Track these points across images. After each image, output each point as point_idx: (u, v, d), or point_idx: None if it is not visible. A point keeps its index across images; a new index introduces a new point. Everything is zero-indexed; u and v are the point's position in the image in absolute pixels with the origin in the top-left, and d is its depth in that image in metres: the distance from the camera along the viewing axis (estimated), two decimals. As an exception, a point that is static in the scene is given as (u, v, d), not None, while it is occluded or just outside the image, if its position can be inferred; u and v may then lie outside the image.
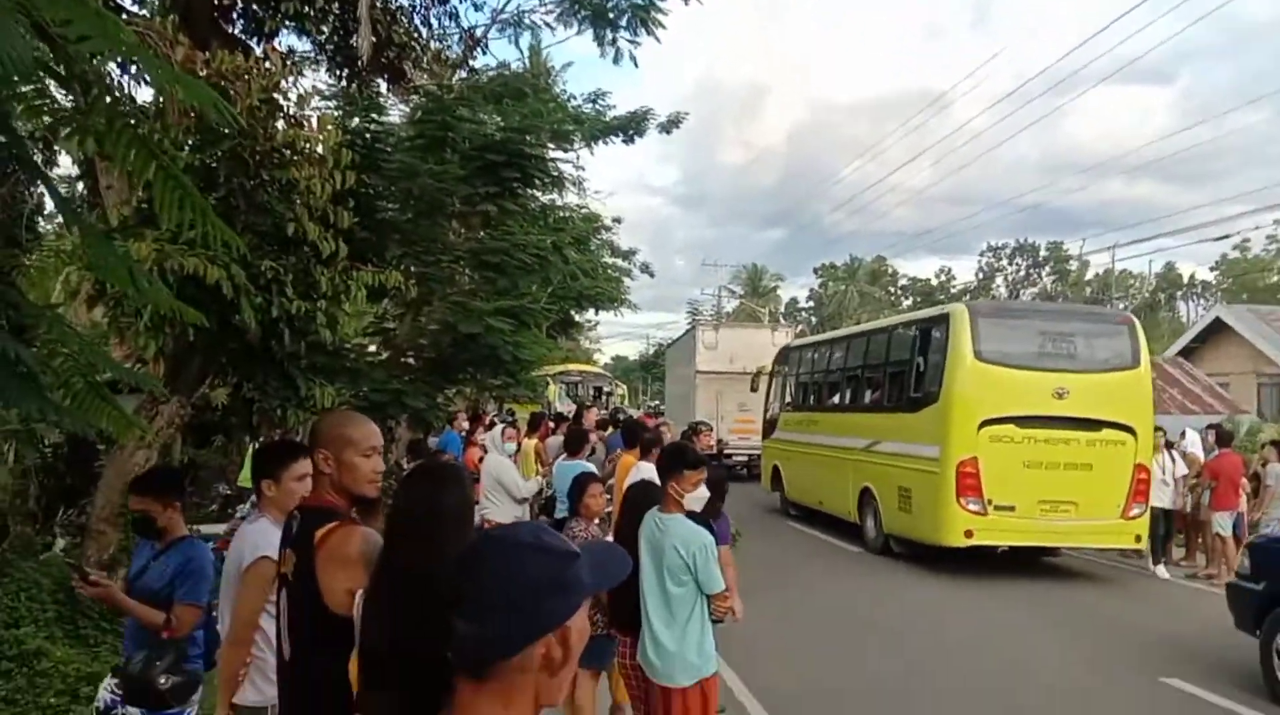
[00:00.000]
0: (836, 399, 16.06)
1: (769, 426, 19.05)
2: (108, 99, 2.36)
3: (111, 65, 6.28)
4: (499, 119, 12.59)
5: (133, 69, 6.86)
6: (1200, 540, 13.17)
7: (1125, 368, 11.99)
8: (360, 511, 2.92)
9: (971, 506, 11.31)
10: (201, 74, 6.73)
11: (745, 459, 22.90)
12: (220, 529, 10.34)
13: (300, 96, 7.72)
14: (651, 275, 37.61)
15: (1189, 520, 13.12)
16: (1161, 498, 12.29)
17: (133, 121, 2.48)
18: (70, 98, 3.34)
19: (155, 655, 3.72)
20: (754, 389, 20.69)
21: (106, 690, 3.84)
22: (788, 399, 18.48)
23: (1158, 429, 12.99)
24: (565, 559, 1.37)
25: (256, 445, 11.32)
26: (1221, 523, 11.86)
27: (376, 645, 2.39)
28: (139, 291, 2.62)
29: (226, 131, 6.86)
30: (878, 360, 14.48)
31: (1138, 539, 11.95)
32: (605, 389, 40.36)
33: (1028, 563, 12.39)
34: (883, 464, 13.20)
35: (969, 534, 11.32)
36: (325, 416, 3.02)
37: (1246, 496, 12.68)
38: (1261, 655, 7.37)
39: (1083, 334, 12.28)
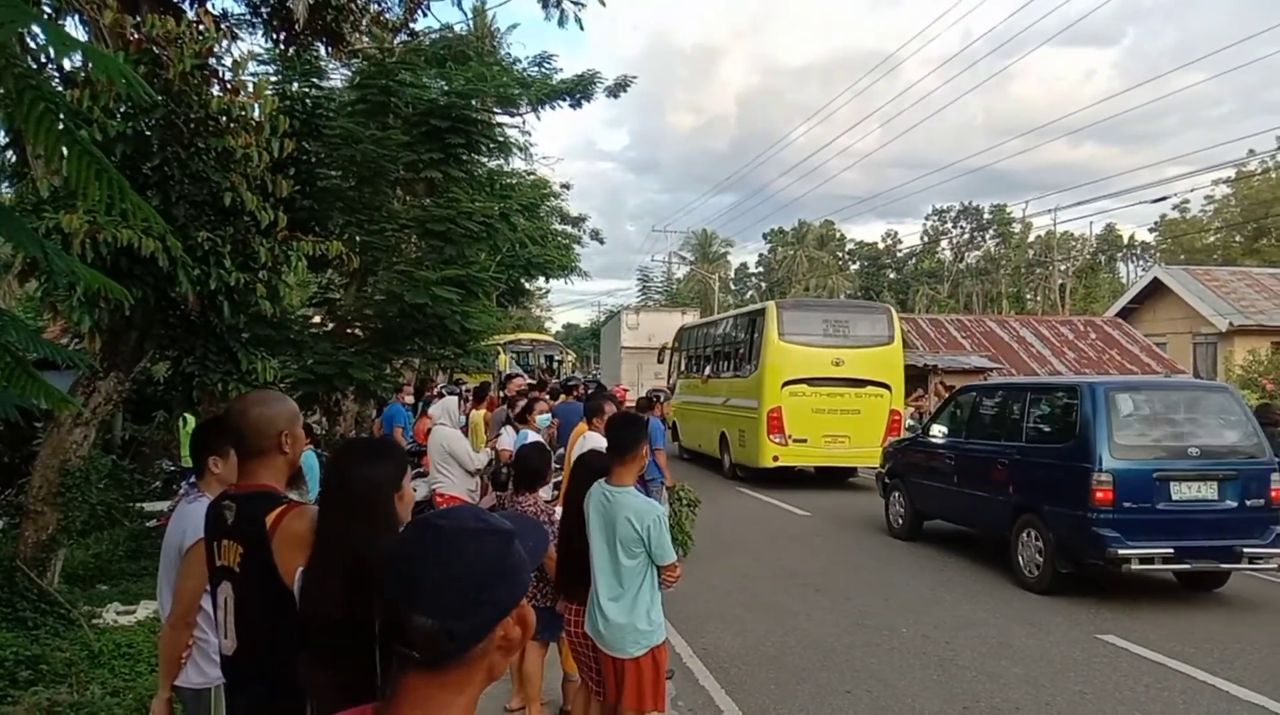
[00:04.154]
0: (708, 369, 20.52)
1: (671, 391, 22.90)
2: (16, 69, 2.22)
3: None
4: (443, 83, 12.35)
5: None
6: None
7: (884, 344, 16.87)
8: (290, 484, 2.87)
9: (776, 440, 16.22)
10: (132, 39, 6.52)
11: None
12: (163, 506, 10.19)
13: (235, 61, 7.50)
14: (602, 242, 37.58)
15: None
16: None
17: (42, 91, 2.34)
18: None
19: None
20: (660, 361, 25.38)
21: None
22: (682, 368, 22.99)
23: None
24: (508, 538, 1.35)
25: (183, 420, 11.13)
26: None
27: (317, 620, 2.36)
28: (52, 269, 2.51)
29: (160, 99, 6.66)
30: (728, 339, 19.66)
31: None
32: (556, 358, 40.49)
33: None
34: (731, 414, 17.96)
35: (775, 458, 16.32)
36: (258, 403, 2.89)
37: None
38: (884, 508, 12.61)
39: (854, 321, 17.19)
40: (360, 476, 2.49)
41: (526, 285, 26.06)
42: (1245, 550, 8.70)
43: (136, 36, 6.49)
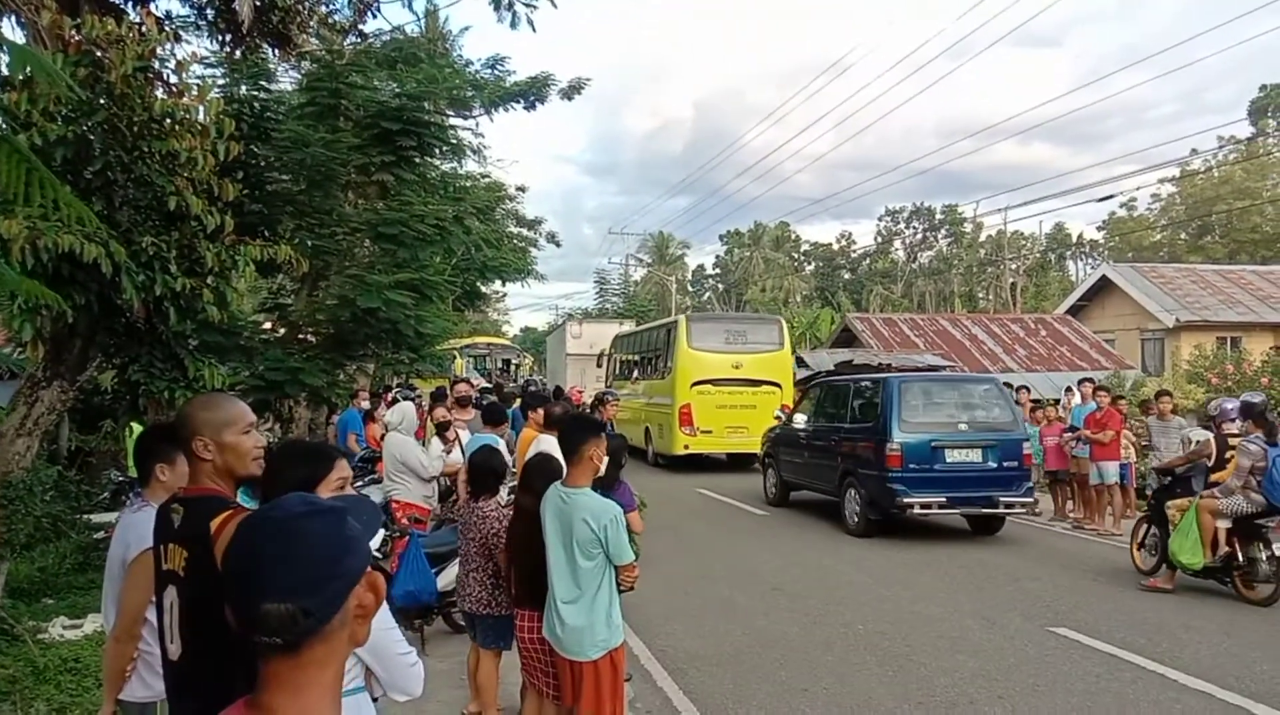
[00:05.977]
0: (635, 372, 23.58)
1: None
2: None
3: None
4: (394, 85, 12.24)
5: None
6: (1070, 491, 13.65)
7: (776, 349, 19.89)
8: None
9: (687, 432, 19.20)
10: (71, 40, 6.38)
11: None
12: (111, 517, 9.97)
13: (180, 63, 7.37)
14: (559, 245, 37.37)
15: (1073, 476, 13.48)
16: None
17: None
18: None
19: None
20: (598, 365, 28.00)
21: None
22: (616, 372, 25.81)
23: (1023, 387, 16.44)
24: (341, 514, 1.41)
25: (130, 430, 10.91)
26: (1109, 472, 12.34)
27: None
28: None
29: (102, 101, 6.53)
30: (650, 347, 22.65)
31: None
32: (513, 361, 40.42)
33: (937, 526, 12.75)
34: (652, 410, 21.20)
35: (686, 447, 19.32)
36: (191, 403, 2.89)
37: (1134, 447, 13.28)
38: (762, 483, 15.59)
39: (751, 331, 20.35)
40: (299, 480, 2.51)
41: (482, 288, 25.94)
42: (1002, 499, 11.60)
43: (76, 38, 6.37)
